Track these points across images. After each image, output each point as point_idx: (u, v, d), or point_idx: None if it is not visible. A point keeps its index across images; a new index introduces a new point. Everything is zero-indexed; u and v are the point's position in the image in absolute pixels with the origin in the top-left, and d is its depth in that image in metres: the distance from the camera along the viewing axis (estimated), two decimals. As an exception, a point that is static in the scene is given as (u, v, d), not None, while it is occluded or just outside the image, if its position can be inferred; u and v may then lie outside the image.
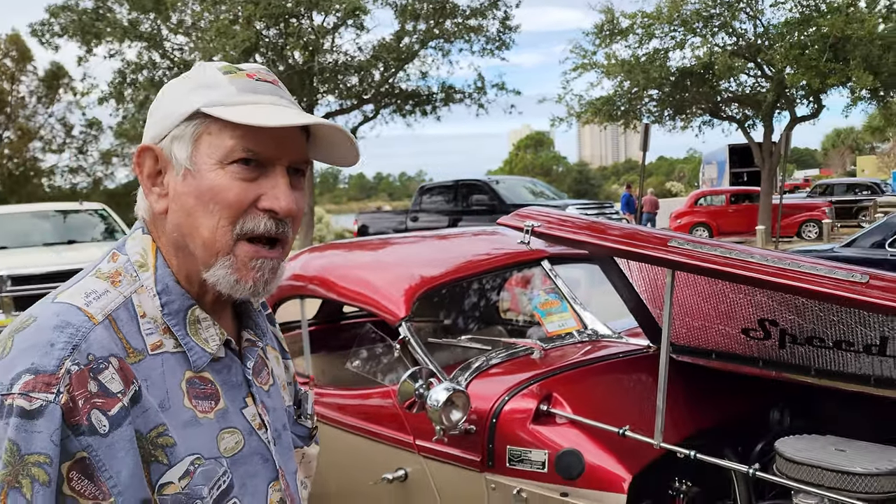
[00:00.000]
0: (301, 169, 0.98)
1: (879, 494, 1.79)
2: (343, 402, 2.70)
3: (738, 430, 2.26)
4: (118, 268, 0.96)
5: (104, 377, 0.85)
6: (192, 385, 0.94)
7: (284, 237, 0.96)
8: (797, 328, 1.95)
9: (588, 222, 2.11)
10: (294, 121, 0.92)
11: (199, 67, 1.00)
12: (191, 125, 0.93)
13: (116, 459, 0.84)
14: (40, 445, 0.80)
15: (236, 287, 0.94)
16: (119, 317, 0.91)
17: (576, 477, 1.99)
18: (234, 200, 0.92)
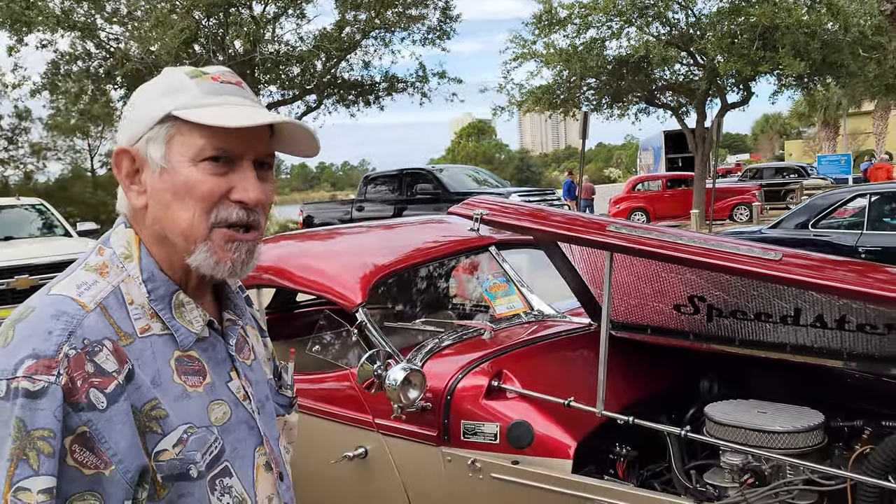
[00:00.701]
0: (267, 162, 1.08)
1: (796, 450, 2.01)
2: (302, 387, 2.79)
3: (672, 398, 2.46)
4: (105, 260, 1.05)
5: (99, 359, 0.94)
6: (181, 363, 1.04)
7: (256, 224, 1.06)
8: (722, 303, 2.15)
9: (533, 210, 2.27)
10: (257, 120, 1.01)
11: (167, 72, 1.09)
12: (163, 127, 1.02)
13: (115, 431, 0.94)
14: (44, 422, 0.89)
15: (216, 268, 1.04)
16: (109, 304, 1.00)
17: (525, 446, 2.15)
18: (207, 193, 1.01)
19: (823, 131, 44.17)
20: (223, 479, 1.04)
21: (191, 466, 1.00)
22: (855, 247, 6.98)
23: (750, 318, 2.12)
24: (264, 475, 1.12)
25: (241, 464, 1.08)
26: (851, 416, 2.21)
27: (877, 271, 1.65)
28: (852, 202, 7.44)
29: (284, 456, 1.22)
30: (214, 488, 1.03)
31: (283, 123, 1.08)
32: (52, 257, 8.71)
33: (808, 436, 2.01)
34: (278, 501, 1.14)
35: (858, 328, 1.92)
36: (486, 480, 2.18)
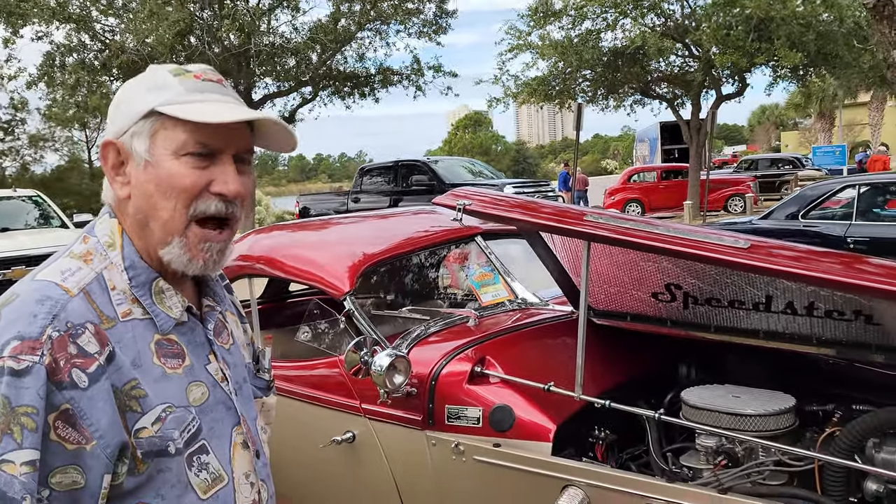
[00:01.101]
0: (246, 156, 1.14)
1: (767, 432, 2.08)
2: (292, 374, 2.86)
3: (651, 383, 2.53)
4: (89, 248, 1.10)
5: (82, 341, 1.00)
6: (161, 346, 1.09)
7: (234, 216, 1.12)
8: (698, 291, 2.21)
9: (515, 201, 2.33)
10: (237, 117, 1.07)
11: (151, 70, 1.15)
12: (147, 122, 1.08)
13: (96, 409, 0.99)
14: (28, 399, 0.95)
15: (189, 265, 1.10)
16: (92, 290, 1.05)
17: (507, 429, 2.22)
18: (189, 186, 1.07)
19: (819, 122, 44.23)
20: (200, 455, 1.10)
21: (169, 443, 1.05)
22: (843, 237, 7.06)
23: (724, 306, 2.19)
24: (241, 453, 1.17)
25: (218, 442, 1.13)
26: (824, 400, 2.28)
27: (840, 260, 1.71)
28: (842, 193, 7.51)
29: (261, 435, 1.28)
30: (192, 464, 1.08)
31: (261, 120, 1.13)
32: (48, 248, 8.75)
33: (779, 419, 2.08)
34: (255, 478, 1.20)
35: (827, 315, 1.99)
36: (469, 463, 2.25)
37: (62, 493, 0.96)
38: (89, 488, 0.98)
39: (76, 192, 29.26)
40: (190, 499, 1.07)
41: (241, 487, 1.16)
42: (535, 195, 14.02)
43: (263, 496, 1.22)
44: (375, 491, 2.54)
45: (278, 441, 2.85)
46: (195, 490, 1.08)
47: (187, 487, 1.07)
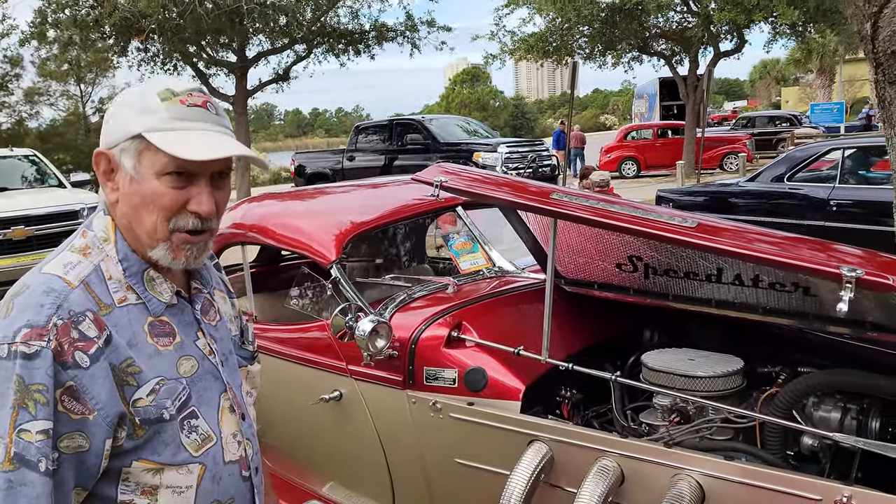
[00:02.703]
0: (224, 172, 1.29)
1: (716, 392, 2.27)
2: (284, 336, 3.05)
3: (618, 347, 2.72)
4: (87, 243, 1.27)
5: (83, 327, 1.16)
6: (153, 327, 1.26)
7: (209, 229, 1.28)
8: (657, 263, 2.38)
9: (489, 178, 2.48)
10: (211, 156, 1.20)
11: (143, 90, 1.27)
12: (134, 143, 1.23)
13: (97, 385, 1.16)
14: (39, 378, 1.12)
15: (173, 262, 1.27)
16: (91, 280, 1.22)
17: (480, 389, 2.41)
18: (168, 204, 1.23)
19: (820, 78, 43.85)
20: (191, 420, 1.27)
21: (163, 411, 1.22)
22: (827, 200, 7.20)
23: (680, 277, 2.36)
24: (228, 416, 1.34)
25: (207, 407, 1.31)
26: (772, 363, 2.47)
27: (774, 239, 1.87)
28: (828, 155, 7.62)
29: (247, 399, 1.45)
30: (184, 427, 1.26)
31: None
32: (47, 208, 8.89)
33: (727, 380, 2.26)
34: (241, 437, 1.37)
35: (770, 286, 2.16)
36: (446, 419, 2.44)
37: (70, 454, 1.14)
38: (93, 450, 1.16)
39: (73, 147, 29.16)
40: (183, 456, 1.25)
41: (229, 445, 1.33)
42: (530, 154, 14.11)
43: (249, 452, 1.39)
44: (361, 445, 2.75)
45: (272, 399, 3.08)
46: (187, 449, 1.26)
47: (180, 447, 1.25)
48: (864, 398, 2.12)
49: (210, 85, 16.70)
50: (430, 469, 2.54)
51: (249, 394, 1.49)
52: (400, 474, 2.67)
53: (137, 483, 1.22)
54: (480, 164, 13.29)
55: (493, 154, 13.37)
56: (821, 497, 1.74)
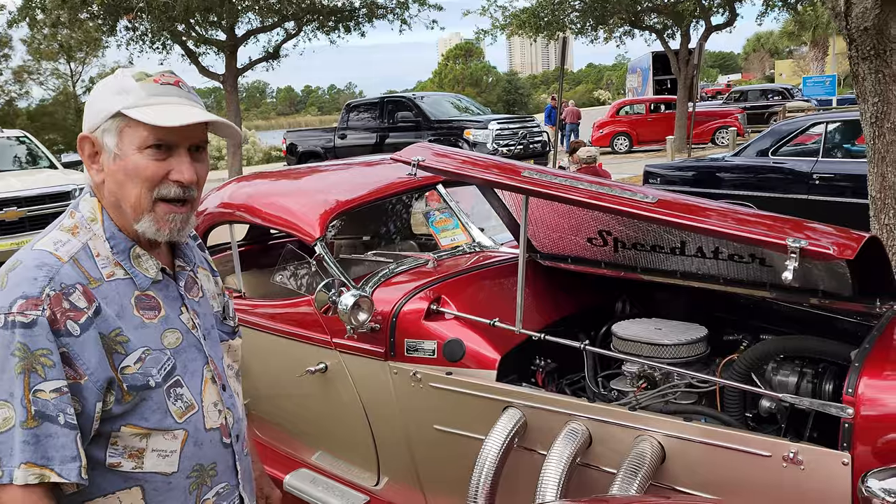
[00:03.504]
0: (201, 145, 1.38)
1: (681, 359, 2.39)
2: (272, 312, 3.16)
3: (590, 318, 2.83)
4: (75, 223, 1.36)
5: (73, 298, 1.26)
6: (140, 300, 1.36)
7: (191, 198, 1.37)
8: (625, 237, 2.49)
9: (464, 157, 2.57)
10: (186, 121, 1.30)
11: (118, 74, 1.37)
12: (115, 122, 1.32)
13: (87, 352, 1.25)
14: (42, 343, 1.22)
15: (158, 234, 1.36)
16: (80, 257, 1.31)
17: (458, 360, 2.52)
18: (151, 175, 1.32)
19: (813, 51, 43.76)
20: (176, 388, 1.37)
21: (149, 378, 1.32)
22: (810, 173, 7.30)
23: (647, 250, 2.47)
24: (210, 386, 1.45)
25: (191, 377, 1.41)
26: (736, 331, 2.58)
27: (727, 214, 1.98)
28: (812, 129, 7.70)
29: (228, 372, 1.54)
30: (169, 395, 1.36)
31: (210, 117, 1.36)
32: (39, 189, 8.95)
33: (691, 347, 2.38)
34: (222, 406, 1.47)
35: (729, 257, 2.27)
36: (426, 389, 2.56)
37: None
38: (86, 412, 1.26)
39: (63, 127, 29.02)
40: (168, 422, 1.35)
41: (210, 413, 1.43)
42: (521, 131, 14.16)
43: (229, 420, 1.48)
44: (346, 414, 2.87)
45: (262, 373, 3.20)
46: (173, 415, 1.36)
47: (166, 413, 1.35)
48: (819, 363, 2.24)
49: (200, 63, 16.62)
50: (412, 436, 2.66)
51: (231, 367, 1.58)
52: (384, 442, 2.79)
53: (125, 447, 1.32)
54: (471, 142, 13.34)
55: (483, 131, 13.41)
56: (770, 453, 1.86)
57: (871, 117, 4.21)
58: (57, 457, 1.20)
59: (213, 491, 1.44)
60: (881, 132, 4.19)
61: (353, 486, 2.94)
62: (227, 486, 1.47)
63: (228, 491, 1.48)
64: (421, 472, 2.71)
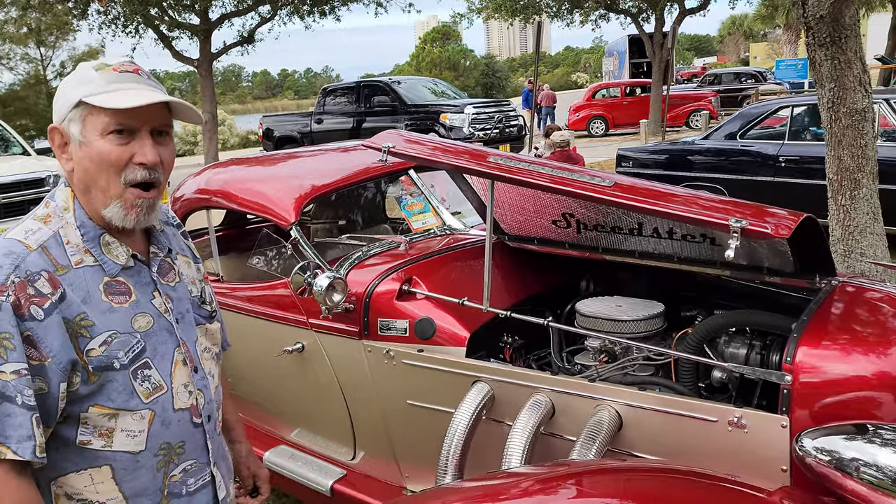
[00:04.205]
0: (164, 130, 1.44)
1: (640, 333, 2.52)
2: (250, 295, 3.25)
3: (556, 297, 2.96)
4: (49, 212, 1.43)
5: (38, 285, 1.32)
6: (109, 286, 1.42)
7: (157, 181, 1.42)
8: (587, 219, 2.62)
9: (433, 144, 2.68)
10: (141, 102, 1.34)
11: (80, 67, 1.43)
12: (78, 111, 1.38)
13: (50, 335, 1.31)
14: (4, 327, 1.27)
15: (125, 220, 1.41)
16: (49, 245, 1.38)
17: (429, 337, 2.64)
18: (115, 160, 1.37)
19: (787, 34, 44.07)
20: (144, 370, 1.42)
21: (114, 360, 1.37)
22: (776, 156, 7.49)
23: (608, 231, 2.60)
24: (181, 368, 1.49)
25: (161, 360, 1.45)
26: (693, 308, 2.73)
27: (677, 196, 2.11)
28: (779, 112, 7.88)
29: (204, 354, 1.59)
30: (136, 376, 1.41)
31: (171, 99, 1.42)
32: (12, 176, 8.89)
33: (648, 322, 2.52)
34: (193, 387, 1.51)
35: (683, 238, 2.41)
36: (399, 365, 2.68)
37: (36, 394, 1.29)
38: (51, 393, 1.33)
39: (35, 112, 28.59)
40: (135, 402, 1.40)
41: (179, 394, 1.48)
42: (497, 115, 14.25)
43: (200, 401, 1.53)
44: (323, 392, 2.98)
45: (241, 354, 3.30)
46: (139, 396, 1.41)
47: (132, 393, 1.40)
48: (766, 335, 2.39)
49: (173, 48, 16.48)
50: (386, 411, 2.78)
51: (208, 349, 1.62)
52: (359, 417, 2.91)
53: (95, 426, 1.39)
54: (448, 126, 13.42)
55: (460, 115, 13.49)
56: (717, 419, 2.01)
57: (828, 102, 4.37)
58: (14, 435, 1.27)
59: (180, 468, 1.50)
60: (837, 116, 4.36)
61: (331, 461, 3.06)
62: (196, 464, 1.53)
63: (197, 468, 1.53)
64: (395, 446, 2.83)
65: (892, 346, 1.95)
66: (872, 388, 1.90)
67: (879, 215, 4.63)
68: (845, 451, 1.73)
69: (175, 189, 3.80)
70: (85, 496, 1.41)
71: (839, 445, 1.74)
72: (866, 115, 4.31)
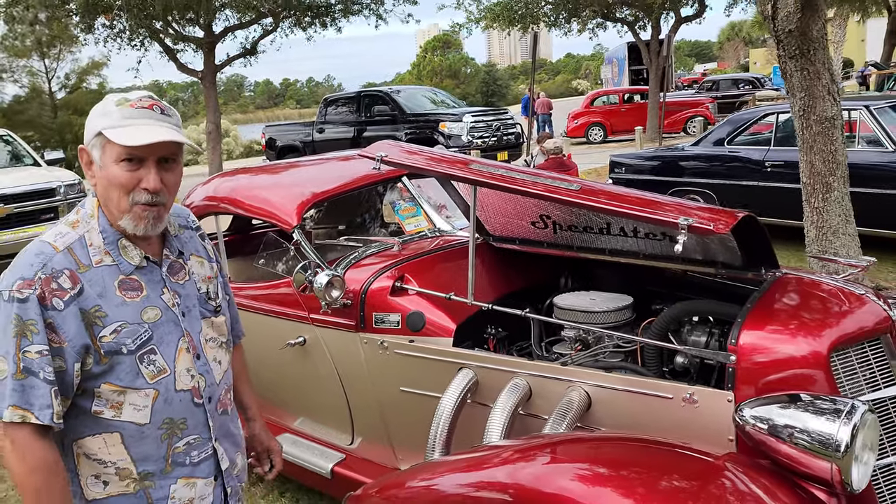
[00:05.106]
0: (171, 157, 1.64)
1: (610, 323, 2.77)
2: (256, 293, 3.51)
3: (538, 292, 3.21)
4: (78, 218, 1.71)
5: (61, 280, 1.57)
6: (123, 283, 1.67)
7: (160, 202, 1.64)
8: (562, 220, 2.88)
9: (423, 153, 2.94)
10: (145, 141, 1.56)
11: (106, 99, 1.69)
12: (98, 139, 1.64)
13: (67, 323, 1.56)
14: (31, 315, 1.54)
15: (136, 229, 1.64)
16: (75, 246, 1.64)
17: (420, 329, 2.90)
18: (124, 183, 1.63)
19: (785, 40, 44.30)
20: (150, 355, 1.66)
21: (122, 346, 1.62)
22: (762, 161, 7.74)
23: (580, 231, 2.86)
24: (184, 355, 1.72)
25: (166, 347, 1.69)
26: (661, 301, 2.98)
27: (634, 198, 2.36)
28: (765, 119, 8.13)
29: (208, 343, 1.80)
30: (143, 360, 1.65)
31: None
32: (25, 187, 9.16)
33: (618, 314, 2.77)
34: (194, 371, 1.74)
35: (646, 235, 2.66)
36: (392, 355, 2.93)
37: (55, 371, 1.56)
38: (68, 371, 1.57)
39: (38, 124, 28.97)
40: (140, 382, 1.64)
41: (182, 377, 1.71)
42: (496, 123, 14.53)
43: (201, 384, 1.75)
44: (323, 382, 3.24)
45: (249, 349, 3.53)
46: (144, 377, 1.65)
47: (138, 374, 1.64)
48: (725, 323, 2.64)
49: (178, 60, 16.82)
50: (381, 398, 3.04)
51: (214, 339, 1.83)
52: (356, 405, 3.17)
53: (107, 399, 1.65)
54: (447, 134, 13.70)
55: (458, 124, 13.77)
56: (672, 395, 2.26)
57: (800, 110, 4.64)
58: (37, 403, 1.53)
59: (184, 441, 1.72)
60: (808, 123, 4.62)
61: (331, 447, 3.31)
62: (199, 439, 1.75)
63: (199, 443, 1.75)
64: (390, 431, 3.08)
65: (824, 328, 2.20)
66: (806, 366, 2.15)
67: (851, 217, 4.88)
68: (779, 419, 1.97)
69: (185, 197, 4.07)
70: (99, 456, 1.67)
71: (774, 413, 1.99)
72: (835, 123, 4.56)
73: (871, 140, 7.07)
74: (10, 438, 1.55)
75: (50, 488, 1.56)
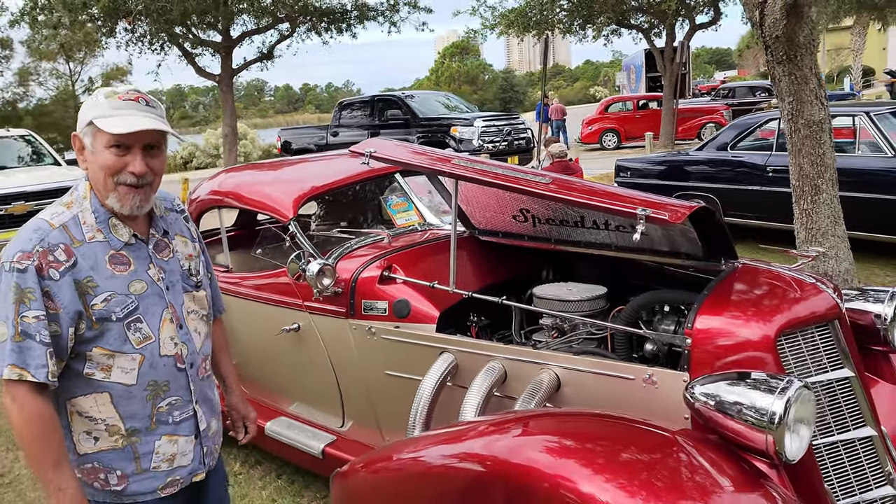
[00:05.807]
0: (156, 145, 1.81)
1: (585, 312, 2.92)
2: (255, 283, 3.70)
3: (520, 283, 3.37)
4: (72, 199, 1.89)
5: (56, 254, 1.76)
6: (113, 258, 1.86)
7: (145, 184, 1.82)
8: (540, 214, 3.03)
9: (409, 149, 3.11)
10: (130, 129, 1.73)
11: (96, 93, 1.87)
12: (89, 128, 1.82)
13: (62, 292, 1.74)
14: (29, 284, 1.72)
15: (122, 208, 1.82)
16: (69, 224, 1.82)
17: (405, 316, 3.06)
18: (111, 166, 1.81)
19: (804, 47, 44.10)
20: (136, 323, 1.84)
21: (112, 314, 1.80)
22: (764, 166, 7.84)
23: (557, 224, 3.01)
24: (168, 324, 1.90)
25: (151, 317, 1.87)
26: (635, 291, 3.12)
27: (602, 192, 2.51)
28: (767, 125, 8.23)
29: (189, 315, 1.97)
30: (130, 328, 1.83)
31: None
32: (45, 185, 9.46)
33: (592, 303, 2.92)
34: (177, 339, 1.91)
35: (616, 228, 2.81)
36: (379, 340, 3.10)
37: (51, 334, 1.73)
38: (63, 335, 1.75)
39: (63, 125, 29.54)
40: (127, 347, 1.83)
41: (165, 344, 1.89)
42: (507, 127, 14.68)
43: (184, 351, 1.93)
44: (316, 369, 3.41)
45: (248, 335, 3.74)
46: (131, 342, 1.83)
47: (125, 340, 1.82)
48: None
49: (196, 64, 17.15)
50: (369, 381, 3.20)
51: (195, 312, 2.01)
52: (347, 388, 3.34)
53: (97, 362, 1.83)
54: (458, 138, 13.87)
55: (469, 128, 13.94)
56: (634, 377, 2.40)
57: (788, 115, 4.76)
58: (33, 364, 1.71)
59: (166, 402, 1.90)
60: (797, 127, 4.74)
61: (323, 429, 3.49)
62: (180, 401, 1.93)
63: (181, 404, 1.93)
64: (377, 413, 3.25)
65: (774, 313, 2.34)
66: (756, 349, 2.28)
67: (841, 219, 4.99)
68: (727, 396, 2.11)
69: (191, 191, 4.27)
70: (91, 414, 1.85)
71: (722, 390, 2.13)
72: (823, 126, 4.68)
73: (872, 146, 7.16)
74: (11, 395, 1.74)
75: (47, 437, 1.74)
